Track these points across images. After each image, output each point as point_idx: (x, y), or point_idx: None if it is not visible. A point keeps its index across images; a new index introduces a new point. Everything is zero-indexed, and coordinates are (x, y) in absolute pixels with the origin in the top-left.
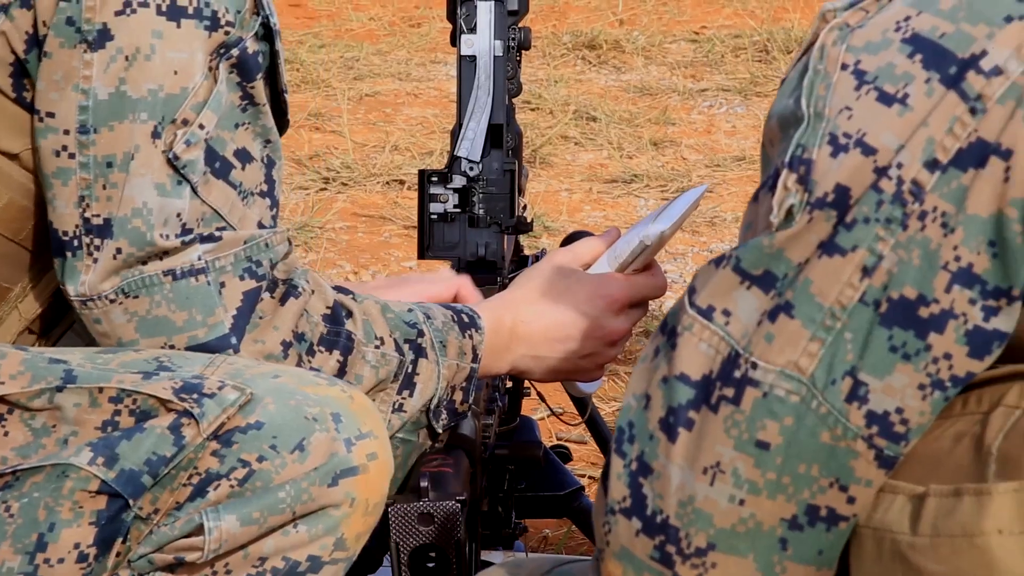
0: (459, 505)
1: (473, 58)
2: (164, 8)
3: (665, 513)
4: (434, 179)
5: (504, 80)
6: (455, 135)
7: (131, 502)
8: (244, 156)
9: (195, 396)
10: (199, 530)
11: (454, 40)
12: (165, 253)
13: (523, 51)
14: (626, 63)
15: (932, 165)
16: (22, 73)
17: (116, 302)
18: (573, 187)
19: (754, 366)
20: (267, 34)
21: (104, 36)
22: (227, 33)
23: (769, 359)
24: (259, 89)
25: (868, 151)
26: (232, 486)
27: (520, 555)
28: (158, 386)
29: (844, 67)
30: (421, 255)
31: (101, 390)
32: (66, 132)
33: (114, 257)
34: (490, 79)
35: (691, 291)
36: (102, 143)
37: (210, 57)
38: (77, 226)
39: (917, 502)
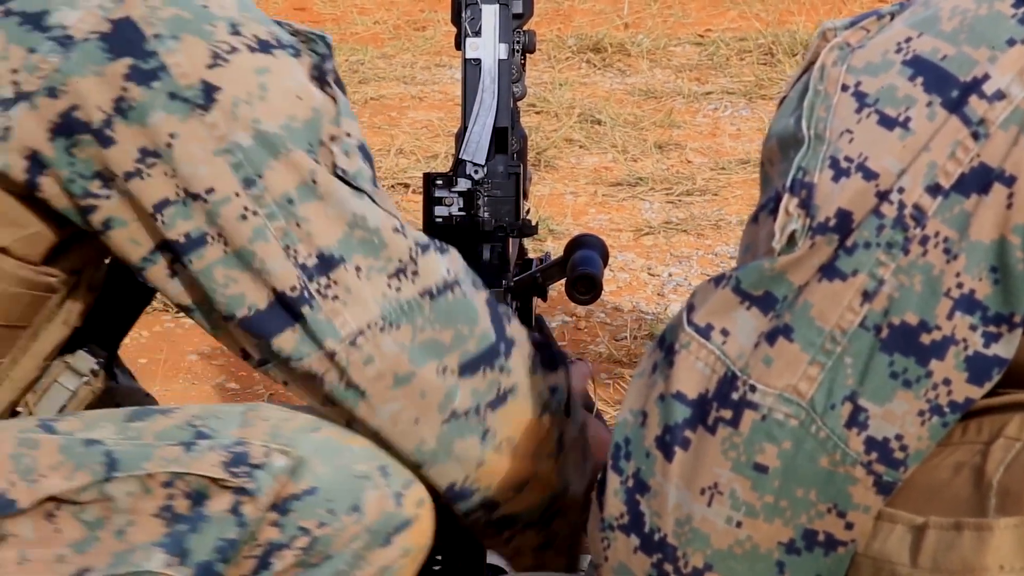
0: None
1: (478, 61)
2: (254, 45)
3: (663, 531)
4: (439, 182)
5: (509, 83)
6: (460, 138)
7: None
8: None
9: (245, 469)
10: None
11: (459, 44)
12: (413, 266)
13: (528, 54)
14: (631, 66)
15: (934, 190)
16: (40, 164)
17: (384, 330)
18: (578, 190)
19: (752, 389)
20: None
21: (209, 92)
22: (309, 54)
23: (768, 382)
24: None
25: (870, 175)
26: (296, 555)
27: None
28: (206, 464)
29: (844, 88)
30: None
31: (152, 476)
32: (236, 195)
33: (358, 277)
34: (495, 82)
35: (689, 308)
36: (271, 185)
37: (312, 80)
38: (298, 277)
39: (917, 533)
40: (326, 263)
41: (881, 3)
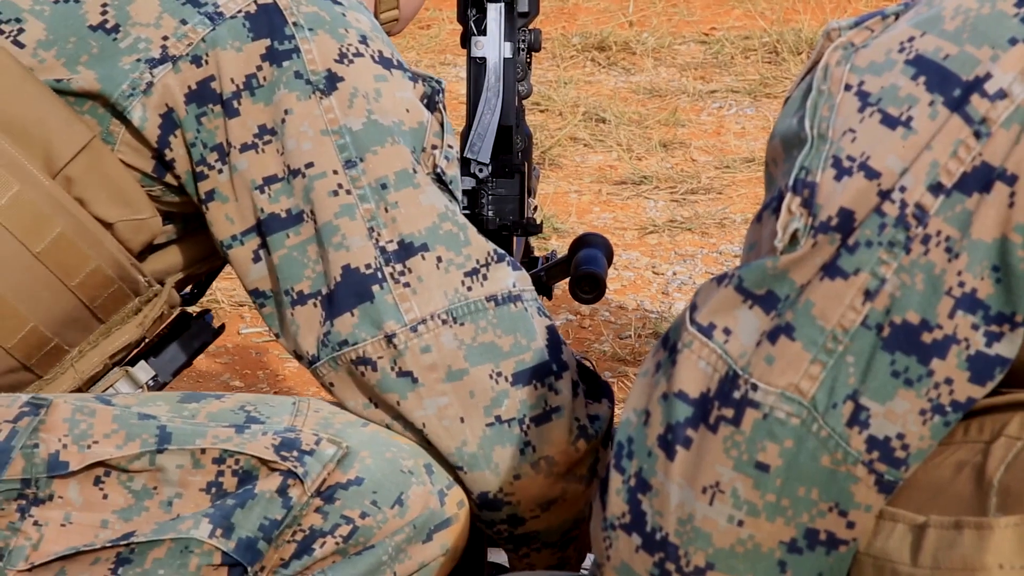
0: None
1: (483, 60)
2: (377, 58)
3: (665, 530)
4: None
5: (514, 82)
6: (464, 137)
7: (249, 569)
8: None
9: (295, 454)
10: None
11: (464, 42)
12: (485, 270)
13: (533, 53)
14: (636, 64)
15: (936, 189)
16: (172, 124)
17: (447, 324)
18: (582, 188)
19: (754, 387)
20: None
21: (332, 79)
22: (424, 84)
23: (770, 381)
24: None
25: (872, 174)
26: (337, 543)
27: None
28: (259, 445)
29: (848, 88)
30: None
31: (204, 451)
32: (334, 172)
33: (437, 267)
34: (499, 81)
35: (692, 308)
36: (371, 169)
37: (424, 105)
38: (375, 258)
39: (918, 532)
40: (406, 250)
41: (886, 2)
